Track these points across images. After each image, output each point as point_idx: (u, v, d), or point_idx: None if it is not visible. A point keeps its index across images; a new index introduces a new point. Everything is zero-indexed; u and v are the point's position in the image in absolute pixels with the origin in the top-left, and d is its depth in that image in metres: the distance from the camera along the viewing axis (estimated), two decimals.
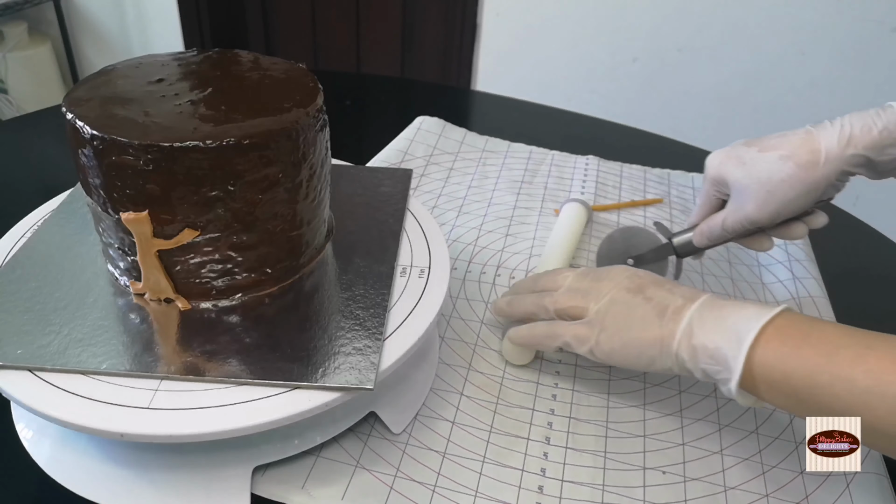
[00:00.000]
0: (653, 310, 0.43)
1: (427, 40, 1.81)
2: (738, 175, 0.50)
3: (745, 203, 0.49)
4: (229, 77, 0.44)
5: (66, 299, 0.41)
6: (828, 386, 0.36)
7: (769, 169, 0.48)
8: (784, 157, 0.47)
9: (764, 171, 0.48)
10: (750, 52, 1.40)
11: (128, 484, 0.39)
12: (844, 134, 0.46)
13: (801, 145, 0.47)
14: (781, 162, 0.47)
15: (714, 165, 0.52)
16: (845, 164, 0.47)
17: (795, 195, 0.48)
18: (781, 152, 0.48)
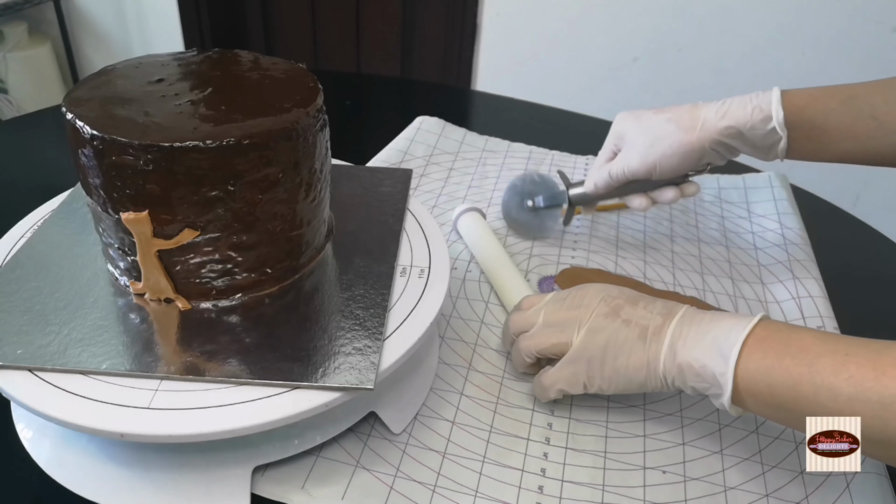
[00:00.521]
0: (633, 333, 0.43)
1: (427, 40, 1.81)
2: (631, 128, 0.57)
3: (631, 154, 0.57)
4: (229, 77, 0.44)
5: (66, 299, 0.41)
6: (812, 396, 0.36)
7: (655, 127, 0.56)
8: (669, 120, 0.56)
9: (651, 129, 0.56)
10: (750, 52, 1.40)
11: (128, 484, 0.39)
12: (722, 109, 0.54)
13: (686, 113, 0.56)
14: (666, 123, 0.56)
15: (619, 120, 0.60)
16: (719, 134, 0.54)
17: (672, 152, 0.55)
18: (668, 116, 0.56)
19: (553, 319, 0.46)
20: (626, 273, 0.63)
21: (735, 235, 0.69)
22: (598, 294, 0.46)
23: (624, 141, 0.58)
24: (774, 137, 0.53)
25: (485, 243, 0.61)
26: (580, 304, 0.46)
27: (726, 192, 0.76)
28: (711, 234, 0.69)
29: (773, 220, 0.70)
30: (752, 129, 0.53)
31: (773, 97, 0.53)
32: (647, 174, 0.56)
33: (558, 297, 0.48)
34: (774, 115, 0.52)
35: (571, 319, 0.45)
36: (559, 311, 0.46)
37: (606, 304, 0.45)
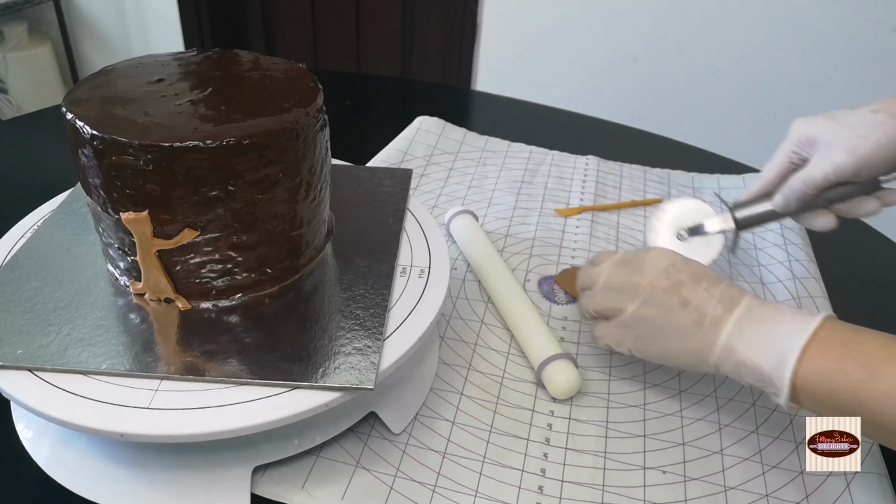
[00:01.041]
0: (689, 317, 0.43)
1: (427, 40, 1.81)
2: (827, 126, 0.49)
3: (833, 152, 0.48)
4: (229, 77, 0.44)
5: (66, 299, 0.41)
6: (874, 402, 0.36)
7: (860, 119, 0.48)
8: (875, 110, 0.48)
9: (855, 121, 0.48)
10: (750, 52, 1.40)
11: (128, 484, 0.39)
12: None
13: (892, 100, 0.48)
14: (873, 113, 0.48)
15: (801, 123, 0.51)
16: None
17: (888, 141, 0.46)
18: (874, 107, 0.48)
19: (613, 282, 0.46)
20: None
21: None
22: (661, 262, 0.45)
23: (816, 145, 0.50)
24: None
25: (477, 246, 0.61)
26: (642, 268, 0.45)
27: (726, 192, 0.76)
28: None
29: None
30: None
31: None
32: (856, 172, 0.48)
33: (625, 257, 0.48)
34: None
35: (629, 285, 0.45)
36: (620, 273, 0.46)
37: (668, 277, 0.44)
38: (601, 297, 0.47)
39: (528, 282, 0.61)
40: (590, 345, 0.54)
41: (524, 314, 0.53)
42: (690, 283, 0.44)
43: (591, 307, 0.48)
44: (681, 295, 0.43)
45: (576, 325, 0.56)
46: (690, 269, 0.45)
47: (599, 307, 0.47)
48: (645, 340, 0.45)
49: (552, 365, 0.48)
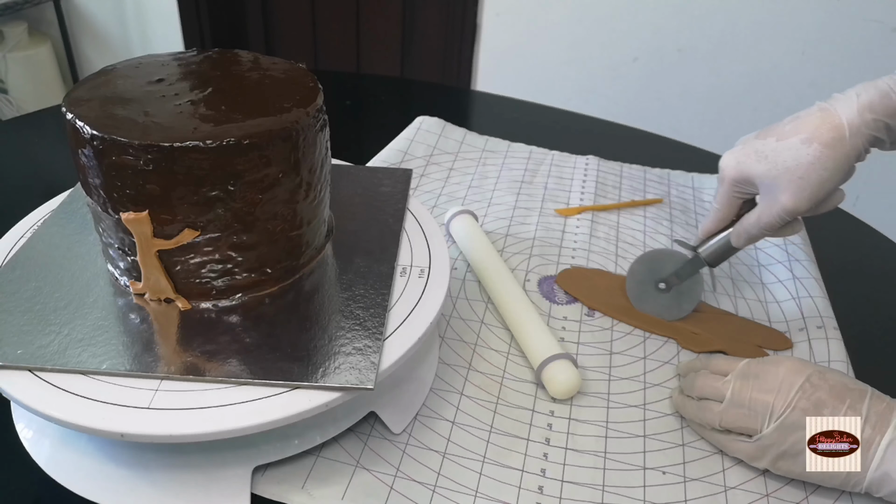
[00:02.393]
0: None
1: (427, 40, 1.81)
2: (763, 169, 0.48)
3: (778, 195, 0.47)
4: (229, 77, 0.44)
5: (66, 299, 0.41)
6: None
7: (794, 156, 0.46)
8: (806, 140, 0.46)
9: (790, 159, 0.46)
10: (750, 52, 1.40)
11: (128, 484, 0.39)
12: (862, 102, 0.45)
13: (821, 124, 0.46)
14: (805, 146, 0.46)
15: (732, 166, 0.50)
16: (869, 131, 0.45)
17: (829, 175, 0.46)
18: (802, 136, 0.46)
19: (743, 398, 0.43)
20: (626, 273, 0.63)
21: None
22: (796, 378, 0.42)
23: (758, 185, 0.49)
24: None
25: (477, 246, 0.61)
26: (774, 388, 0.42)
27: None
28: None
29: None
30: None
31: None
32: (808, 209, 0.48)
33: (748, 372, 0.44)
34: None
35: (763, 405, 0.42)
36: (749, 390, 0.43)
37: (807, 398, 0.41)
38: (731, 415, 0.44)
39: (528, 282, 0.61)
40: (590, 344, 0.54)
41: (524, 314, 0.53)
42: (832, 403, 0.41)
43: (717, 422, 0.44)
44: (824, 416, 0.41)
45: (576, 324, 0.56)
46: (829, 383, 0.42)
47: (728, 424, 0.44)
48: (788, 462, 0.42)
49: (552, 365, 0.48)
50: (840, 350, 0.53)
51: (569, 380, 0.48)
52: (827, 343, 0.53)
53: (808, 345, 0.54)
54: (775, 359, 0.45)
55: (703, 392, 0.46)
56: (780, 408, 0.42)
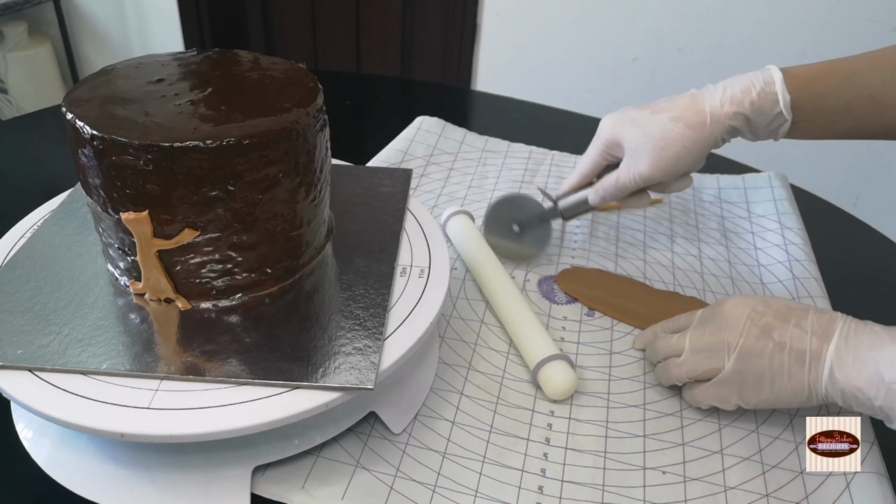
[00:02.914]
0: (789, 358, 0.43)
1: (427, 40, 1.81)
2: (632, 134, 0.54)
3: (639, 161, 0.54)
4: (229, 77, 0.44)
5: (66, 299, 0.41)
6: None
7: (661, 129, 0.53)
8: (674, 119, 0.52)
9: (657, 131, 0.53)
10: (750, 52, 1.40)
11: (128, 484, 0.39)
12: (726, 95, 0.52)
13: (689, 108, 0.53)
14: (672, 123, 0.52)
15: (608, 127, 0.56)
16: (728, 121, 0.52)
17: (686, 153, 0.52)
18: (672, 114, 0.53)
19: (700, 344, 0.46)
20: (626, 273, 0.63)
21: (735, 235, 0.69)
22: (743, 311, 0.45)
23: (623, 148, 0.55)
24: (780, 121, 0.52)
25: (474, 247, 0.61)
26: (726, 325, 0.45)
27: (726, 192, 0.76)
28: (711, 234, 0.69)
29: (773, 220, 0.70)
30: (758, 112, 0.52)
31: (775, 79, 0.52)
32: (661, 178, 0.54)
33: (702, 319, 0.47)
34: (781, 99, 0.51)
35: (719, 343, 0.45)
36: (705, 335, 0.46)
37: (755, 324, 0.44)
38: (693, 363, 0.46)
39: (528, 282, 0.61)
40: (590, 344, 0.54)
41: (520, 315, 0.53)
42: (779, 324, 0.43)
43: (685, 375, 0.47)
44: (773, 339, 0.43)
45: (576, 324, 0.56)
46: (773, 308, 0.44)
47: (695, 373, 0.46)
48: (751, 391, 0.44)
49: (548, 366, 0.48)
50: None
51: (565, 381, 0.48)
52: None
53: None
54: (720, 301, 0.47)
55: (665, 352, 0.49)
56: (734, 340, 0.44)
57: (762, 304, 0.45)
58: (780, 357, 0.43)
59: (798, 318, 0.43)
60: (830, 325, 0.42)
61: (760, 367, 0.43)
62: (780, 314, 0.44)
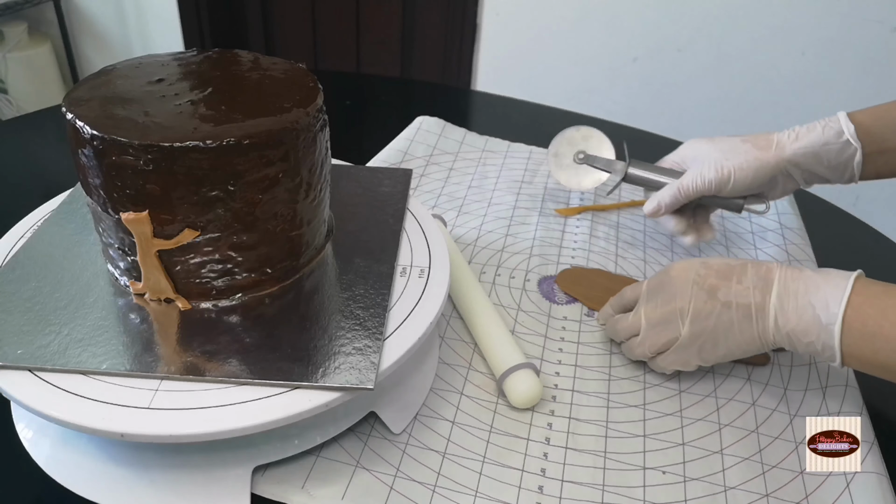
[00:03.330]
0: (737, 314, 0.45)
1: (427, 40, 1.81)
2: (703, 148, 0.59)
3: (704, 167, 0.58)
4: (229, 77, 0.44)
5: (66, 299, 0.41)
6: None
7: (730, 144, 0.58)
8: (744, 140, 0.58)
9: (726, 145, 0.58)
10: (750, 52, 1.40)
11: (128, 484, 0.39)
12: (794, 132, 0.57)
13: (760, 135, 0.58)
14: (741, 142, 0.58)
15: (688, 144, 0.61)
16: (794, 154, 0.56)
17: (748, 166, 0.56)
18: (744, 137, 0.58)
19: (655, 318, 0.49)
20: (626, 273, 0.63)
21: (735, 235, 0.69)
22: (688, 276, 0.47)
23: (695, 160, 0.59)
24: (849, 150, 0.54)
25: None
26: (674, 294, 0.48)
27: None
28: None
29: (773, 220, 0.70)
30: (825, 145, 0.55)
31: (840, 116, 0.55)
32: (721, 186, 0.57)
33: (651, 292, 0.50)
34: (845, 128, 0.54)
35: (672, 313, 0.47)
36: (657, 307, 0.49)
37: (701, 288, 0.47)
38: (652, 338, 0.49)
39: (528, 282, 0.61)
40: (590, 344, 0.54)
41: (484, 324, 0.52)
42: (723, 283, 0.46)
43: (648, 351, 0.49)
44: (720, 300, 0.46)
45: (576, 324, 0.56)
46: (714, 268, 0.47)
47: (657, 346, 0.49)
48: (709, 350, 0.47)
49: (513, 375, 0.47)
50: None
51: (530, 389, 0.47)
52: None
53: None
54: (666, 269, 0.50)
55: (625, 333, 0.51)
56: (685, 306, 0.47)
57: (703, 266, 0.48)
58: (728, 315, 0.45)
59: (739, 275, 0.46)
60: (769, 277, 0.45)
61: (713, 327, 0.46)
62: (721, 273, 0.47)
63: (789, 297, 0.44)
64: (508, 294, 0.59)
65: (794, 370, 0.52)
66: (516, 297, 0.59)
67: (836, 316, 0.42)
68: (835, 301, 0.42)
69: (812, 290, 0.43)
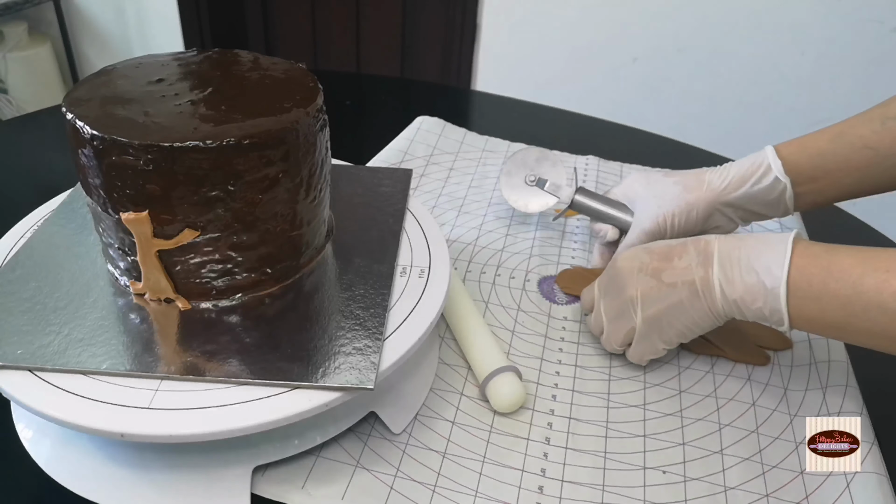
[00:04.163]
0: (684, 292, 0.46)
1: (427, 40, 1.81)
2: (641, 192, 0.59)
3: (643, 216, 0.57)
4: (229, 77, 0.44)
5: (66, 299, 0.41)
6: (862, 314, 0.40)
7: (662, 187, 0.57)
8: (676, 182, 0.57)
9: (658, 191, 0.57)
10: (750, 51, 1.40)
11: (128, 484, 0.39)
12: (724, 171, 0.56)
13: (692, 176, 0.57)
14: (673, 185, 0.57)
15: (629, 182, 0.60)
16: (723, 193, 0.55)
17: (679, 211, 0.55)
18: (676, 178, 0.57)
19: (613, 313, 0.50)
20: None
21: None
22: (633, 265, 0.48)
23: (633, 203, 0.59)
24: (779, 187, 0.54)
25: None
26: (623, 285, 0.48)
27: None
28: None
29: (774, 221, 0.70)
30: (755, 183, 0.54)
31: (767, 151, 0.54)
32: (661, 234, 0.57)
33: (604, 287, 0.51)
34: (773, 165, 0.53)
35: (625, 303, 0.48)
36: (613, 301, 0.50)
37: (646, 273, 0.47)
38: (614, 332, 0.50)
39: (528, 282, 0.61)
40: (590, 344, 0.54)
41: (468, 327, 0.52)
42: (665, 265, 0.47)
43: (616, 344, 0.50)
44: (664, 281, 0.47)
45: (576, 325, 0.56)
46: (656, 252, 0.48)
47: (621, 340, 0.50)
48: (666, 331, 0.48)
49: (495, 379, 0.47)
50: (840, 349, 0.53)
51: (513, 393, 0.47)
52: (827, 342, 0.54)
53: (809, 344, 0.54)
54: (613, 260, 0.51)
55: (596, 331, 0.53)
56: (634, 294, 0.48)
57: (646, 252, 0.49)
58: (676, 295, 0.46)
59: (679, 254, 0.47)
60: (708, 250, 0.46)
61: (665, 309, 0.47)
62: (663, 255, 0.47)
63: (732, 266, 0.44)
64: (508, 294, 0.59)
65: (794, 370, 0.52)
66: (516, 297, 0.59)
67: (779, 279, 0.42)
68: (777, 264, 0.42)
69: (753, 256, 0.44)
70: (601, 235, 0.60)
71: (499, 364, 0.48)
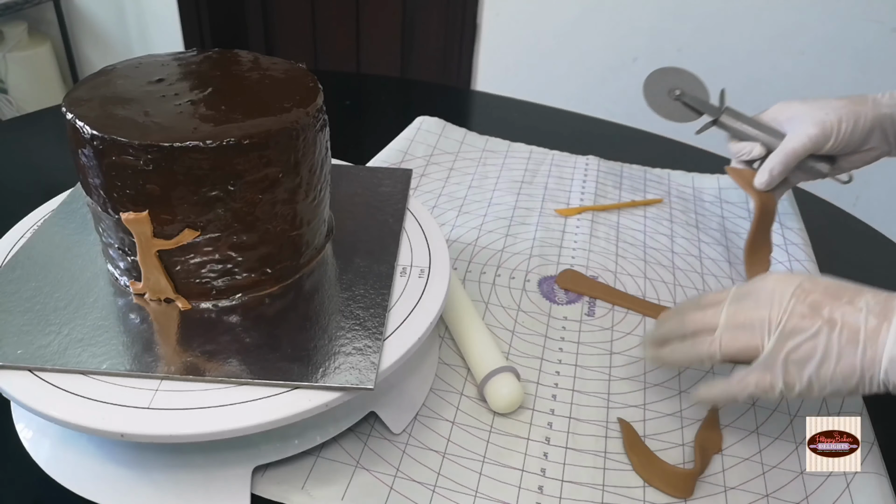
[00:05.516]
0: (841, 338, 0.39)
1: (427, 40, 1.81)
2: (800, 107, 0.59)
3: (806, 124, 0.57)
4: (229, 77, 0.44)
5: (66, 299, 0.41)
6: None
7: (826, 102, 0.58)
8: (839, 99, 0.58)
9: (822, 103, 0.58)
10: (750, 51, 1.40)
11: (128, 484, 0.39)
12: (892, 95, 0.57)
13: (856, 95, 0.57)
14: (836, 99, 0.58)
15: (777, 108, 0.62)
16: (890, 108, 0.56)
17: (850, 118, 0.56)
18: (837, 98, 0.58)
19: (738, 320, 0.42)
20: (626, 273, 0.63)
21: (735, 235, 0.69)
22: (788, 288, 0.41)
23: (790, 120, 0.59)
24: None
25: None
26: (767, 301, 0.41)
27: (726, 192, 0.76)
28: (711, 234, 0.69)
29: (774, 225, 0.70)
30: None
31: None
32: (824, 141, 0.57)
33: (738, 295, 0.43)
34: None
35: (759, 320, 0.41)
36: (745, 309, 0.42)
37: (801, 301, 0.40)
38: (728, 339, 0.42)
39: (528, 282, 0.61)
40: (590, 344, 0.54)
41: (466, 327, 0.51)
42: (829, 301, 0.40)
43: (717, 353, 0.42)
44: (823, 316, 0.39)
45: (576, 324, 0.56)
46: (821, 286, 0.41)
47: (729, 351, 0.42)
48: (794, 373, 0.40)
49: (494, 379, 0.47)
50: None
51: (511, 393, 0.46)
52: None
53: None
54: (763, 276, 0.43)
55: (695, 326, 0.44)
56: (777, 317, 0.40)
57: (809, 280, 0.41)
58: (829, 337, 0.39)
59: (851, 296, 0.40)
60: (890, 303, 0.39)
61: (805, 346, 0.39)
62: (830, 292, 0.40)
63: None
64: (508, 294, 0.59)
65: None
66: (516, 298, 0.59)
67: None
68: None
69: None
70: (745, 153, 0.61)
71: (497, 364, 0.48)
